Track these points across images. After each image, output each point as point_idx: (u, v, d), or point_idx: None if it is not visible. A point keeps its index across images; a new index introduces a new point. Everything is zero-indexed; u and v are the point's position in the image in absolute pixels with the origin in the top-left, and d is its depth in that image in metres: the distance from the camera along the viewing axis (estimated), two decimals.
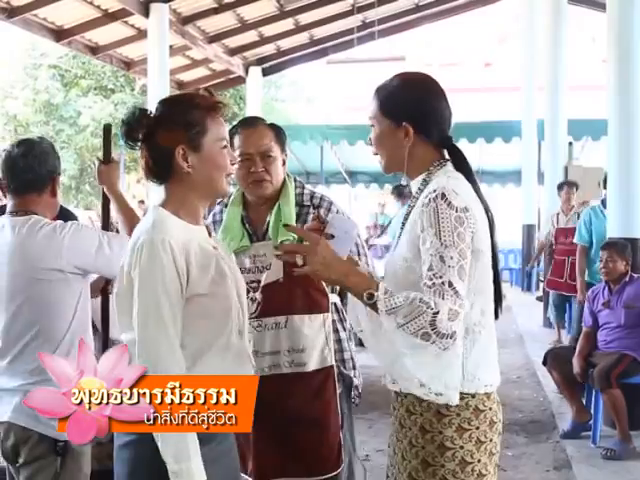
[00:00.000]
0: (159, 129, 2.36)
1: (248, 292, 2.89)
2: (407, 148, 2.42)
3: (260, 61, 17.54)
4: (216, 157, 2.41)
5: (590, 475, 5.20)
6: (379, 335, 2.30)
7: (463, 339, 2.25)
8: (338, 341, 3.28)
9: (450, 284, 2.16)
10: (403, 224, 2.41)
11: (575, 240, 8.19)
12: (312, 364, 3.12)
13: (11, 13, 11.57)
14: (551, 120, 11.28)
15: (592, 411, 5.94)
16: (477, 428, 2.34)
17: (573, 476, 5.23)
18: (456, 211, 2.22)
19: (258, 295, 3.09)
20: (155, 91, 12.57)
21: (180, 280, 2.27)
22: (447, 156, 2.48)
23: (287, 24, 15.81)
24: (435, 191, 2.26)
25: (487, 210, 2.41)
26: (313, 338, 3.11)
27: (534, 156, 14.86)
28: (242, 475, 2.88)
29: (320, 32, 16.75)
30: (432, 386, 2.26)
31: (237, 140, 3.22)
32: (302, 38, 16.98)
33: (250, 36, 15.94)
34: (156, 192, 12.67)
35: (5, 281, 3.01)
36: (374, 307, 2.21)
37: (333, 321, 3.22)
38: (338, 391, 3.21)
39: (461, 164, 2.45)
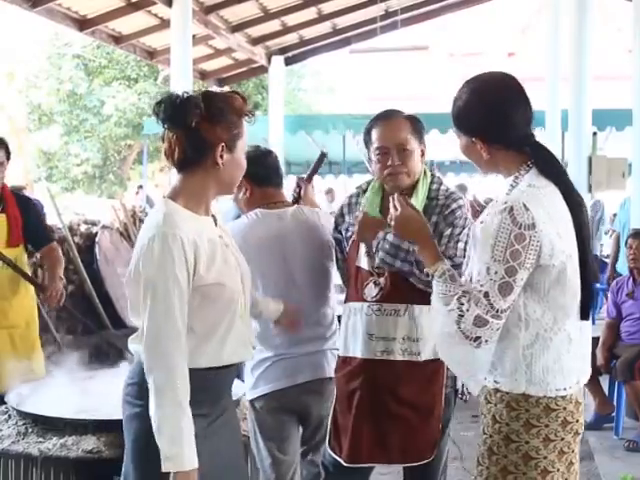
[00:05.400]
0: (205, 122, 2.50)
1: (372, 275, 3.16)
2: (486, 159, 2.51)
3: (283, 50, 17.49)
4: (241, 159, 2.65)
5: (612, 467, 5.19)
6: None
7: (532, 345, 2.39)
8: None
9: (486, 295, 2.29)
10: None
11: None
12: (425, 354, 3.19)
13: (35, 3, 11.58)
14: (575, 110, 11.16)
15: (615, 403, 5.91)
16: (546, 426, 2.40)
17: (595, 467, 5.22)
18: (519, 228, 2.30)
19: (382, 280, 3.17)
20: (178, 80, 12.56)
21: (188, 272, 2.43)
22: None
23: (310, 13, 15.76)
24: (506, 203, 2.34)
25: (576, 216, 2.44)
26: (429, 329, 3.15)
27: (558, 146, 14.74)
28: (336, 458, 3.26)
29: (343, 21, 16.68)
30: (459, 373, 2.52)
31: (374, 133, 3.27)
32: (325, 27, 16.92)
33: (273, 25, 15.90)
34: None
35: (300, 259, 3.55)
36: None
37: None
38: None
39: (546, 164, 2.47)
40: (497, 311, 2.29)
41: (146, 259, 2.43)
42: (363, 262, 3.24)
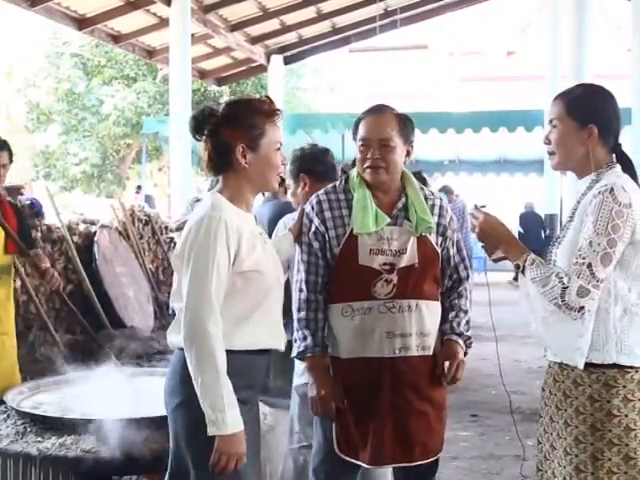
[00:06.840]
0: (224, 127, 2.74)
1: (381, 274, 3.15)
2: (588, 148, 2.74)
3: (282, 50, 17.53)
4: (270, 157, 2.79)
5: None
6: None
7: (621, 319, 2.64)
8: None
9: (589, 266, 2.55)
10: (571, 216, 2.74)
11: None
12: (432, 348, 3.25)
13: (34, 2, 11.60)
14: None
15: None
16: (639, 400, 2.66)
17: None
18: (619, 205, 2.57)
19: (394, 277, 3.17)
20: (177, 80, 12.58)
21: (229, 253, 2.63)
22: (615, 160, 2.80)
23: (309, 12, 15.79)
24: (606, 185, 2.61)
25: None
26: (433, 324, 3.24)
27: None
28: (357, 462, 3.22)
29: (342, 20, 16.72)
30: (561, 353, 2.70)
31: (361, 126, 3.26)
32: (324, 26, 16.95)
33: (272, 24, 15.93)
34: (179, 180, 12.71)
35: None
36: (523, 275, 2.67)
37: None
38: None
39: (629, 169, 2.77)
40: (597, 280, 2.54)
41: (192, 237, 2.65)
42: (368, 260, 3.17)
